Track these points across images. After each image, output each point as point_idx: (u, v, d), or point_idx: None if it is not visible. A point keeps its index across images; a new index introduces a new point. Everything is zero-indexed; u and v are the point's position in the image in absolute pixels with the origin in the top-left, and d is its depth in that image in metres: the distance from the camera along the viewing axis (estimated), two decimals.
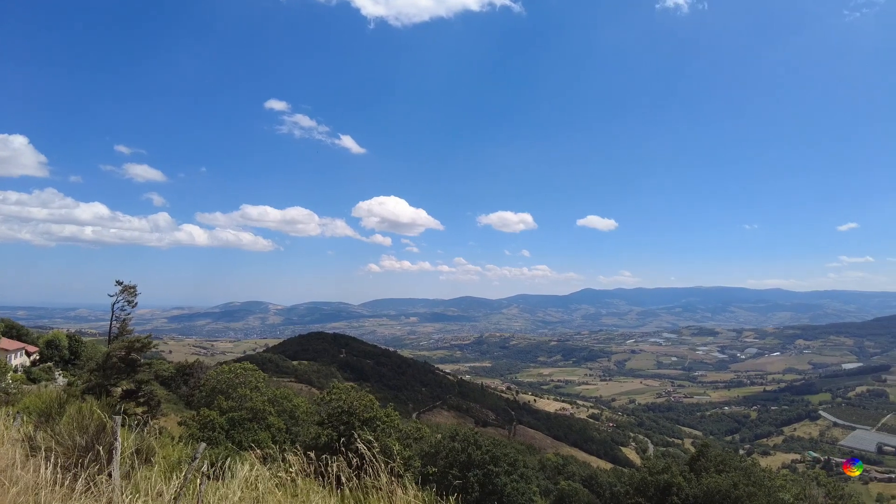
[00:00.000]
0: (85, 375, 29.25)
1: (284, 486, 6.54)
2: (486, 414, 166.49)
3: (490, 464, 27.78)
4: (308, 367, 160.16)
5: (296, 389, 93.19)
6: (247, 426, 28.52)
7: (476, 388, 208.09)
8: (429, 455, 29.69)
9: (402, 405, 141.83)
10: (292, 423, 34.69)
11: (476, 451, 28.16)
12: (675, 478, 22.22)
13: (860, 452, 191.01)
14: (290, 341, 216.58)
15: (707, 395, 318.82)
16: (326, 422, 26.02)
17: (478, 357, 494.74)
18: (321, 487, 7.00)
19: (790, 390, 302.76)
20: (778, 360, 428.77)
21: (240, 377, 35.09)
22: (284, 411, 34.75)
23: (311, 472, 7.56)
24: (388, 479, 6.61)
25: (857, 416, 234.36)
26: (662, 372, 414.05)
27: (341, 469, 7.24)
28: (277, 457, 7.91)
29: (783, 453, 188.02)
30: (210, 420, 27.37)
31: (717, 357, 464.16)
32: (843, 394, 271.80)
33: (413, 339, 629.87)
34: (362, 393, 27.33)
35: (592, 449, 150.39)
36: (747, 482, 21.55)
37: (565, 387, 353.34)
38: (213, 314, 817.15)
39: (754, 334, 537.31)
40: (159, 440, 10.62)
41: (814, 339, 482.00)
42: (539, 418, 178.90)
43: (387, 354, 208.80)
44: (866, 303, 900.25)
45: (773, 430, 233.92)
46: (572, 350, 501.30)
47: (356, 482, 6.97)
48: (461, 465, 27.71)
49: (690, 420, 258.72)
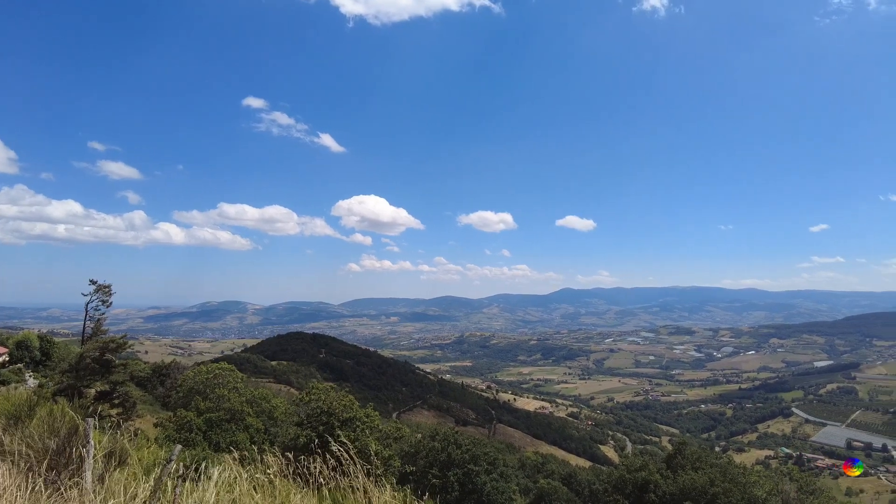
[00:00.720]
0: (57, 377, 28.65)
1: (262, 488, 6.47)
2: (466, 413, 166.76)
3: (470, 463, 27.82)
4: (287, 368, 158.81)
5: (275, 390, 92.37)
6: (225, 427, 28.18)
7: (456, 388, 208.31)
8: (409, 455, 29.64)
9: (383, 405, 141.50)
10: (271, 424, 34.40)
11: (456, 451, 28.18)
12: (652, 475, 22.49)
13: (830, 448, 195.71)
14: (269, 341, 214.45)
15: (684, 393, 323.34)
16: (305, 422, 25.82)
17: (458, 356, 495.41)
18: (299, 488, 6.94)
19: (764, 388, 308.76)
20: (753, 359, 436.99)
21: (217, 378, 34.62)
22: (263, 412, 34.42)
23: (290, 473, 7.49)
24: (366, 480, 6.58)
25: (827, 413, 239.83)
26: (640, 371, 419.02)
27: (320, 469, 7.19)
28: (255, 458, 7.82)
29: (757, 450, 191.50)
30: (187, 421, 26.99)
31: (693, 356, 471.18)
32: (814, 391, 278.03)
33: (394, 338, 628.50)
34: (342, 393, 27.16)
35: (571, 447, 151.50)
36: (723, 479, 21.90)
37: (545, 385, 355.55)
38: (190, 314, 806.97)
39: (730, 333, 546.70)
40: (134, 442, 10.44)
41: (787, 337, 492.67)
42: (519, 417, 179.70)
43: (367, 354, 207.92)
44: (837, 302, 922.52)
45: (747, 428, 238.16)
46: (552, 349, 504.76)
47: (335, 482, 6.93)
48: (441, 464, 27.71)
49: (668, 418, 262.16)
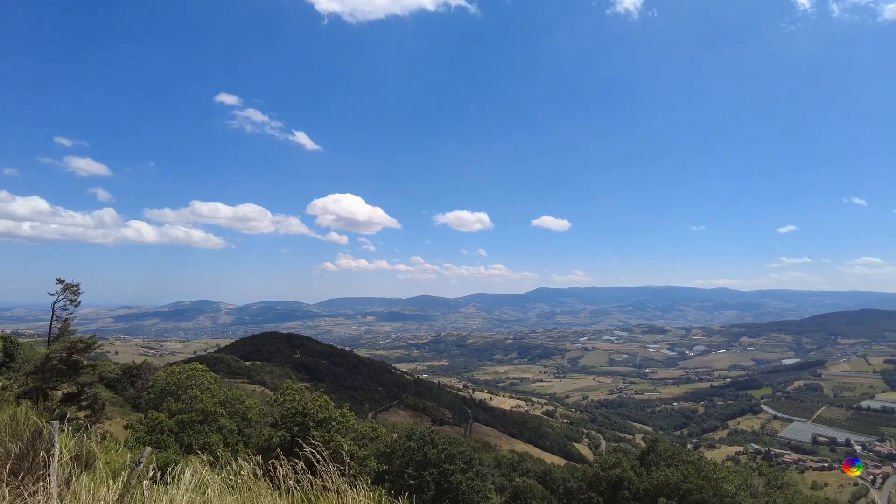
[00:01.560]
0: (21, 379, 27.84)
1: (234, 489, 6.37)
2: (442, 412, 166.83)
3: (446, 462, 27.83)
4: (261, 368, 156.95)
5: (249, 391, 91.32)
6: (197, 428, 27.73)
7: (433, 387, 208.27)
8: (385, 454, 29.53)
9: (358, 405, 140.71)
10: (245, 425, 33.93)
11: (432, 450, 28.17)
12: (626, 472, 22.78)
13: (797, 443, 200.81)
14: (243, 341, 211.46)
15: (657, 391, 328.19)
16: (280, 423, 25.57)
17: (435, 356, 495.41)
18: (272, 489, 6.86)
19: (735, 386, 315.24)
20: (724, 357, 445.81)
21: (190, 378, 34.03)
22: (237, 413, 33.93)
23: (263, 474, 7.40)
24: (340, 480, 6.54)
25: (794, 409, 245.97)
26: (614, 369, 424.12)
27: (293, 470, 7.12)
28: (229, 459, 7.71)
29: (728, 446, 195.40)
30: (158, 423, 26.47)
31: (666, 354, 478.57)
32: (782, 388, 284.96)
33: (370, 338, 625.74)
34: (317, 394, 26.96)
35: (547, 445, 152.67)
36: (695, 475, 22.27)
37: (520, 384, 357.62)
38: (161, 313, 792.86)
39: (702, 332, 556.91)
40: (102, 445, 10.20)
41: (757, 336, 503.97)
42: (495, 416, 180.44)
43: (343, 354, 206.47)
44: (804, 301, 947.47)
45: (718, 425, 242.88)
46: (527, 348, 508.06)
47: (308, 483, 6.86)
48: (417, 463, 27.68)
49: (641, 416, 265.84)
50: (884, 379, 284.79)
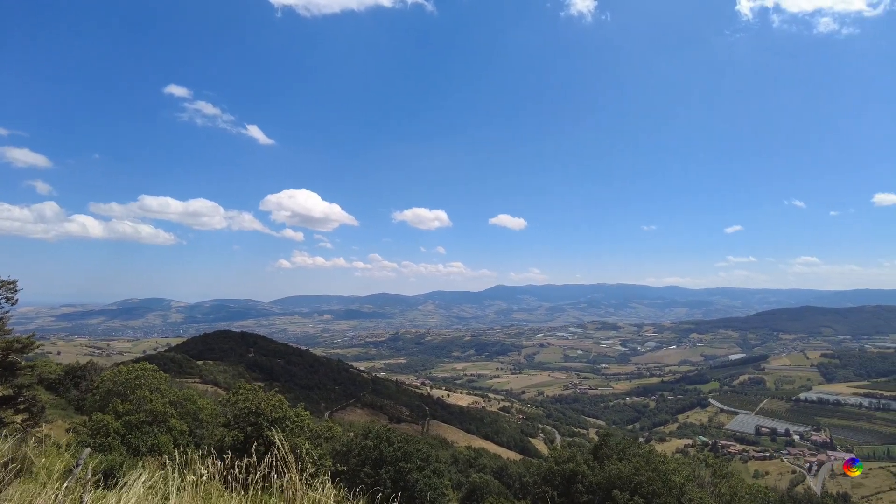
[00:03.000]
0: None
1: (182, 491, 6.17)
2: (400, 410, 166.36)
3: (402, 460, 27.76)
4: (214, 368, 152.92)
5: (201, 391, 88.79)
6: (146, 430, 26.82)
7: (390, 385, 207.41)
8: (341, 454, 29.24)
9: (314, 404, 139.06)
10: (196, 426, 33.03)
11: (388, 448, 28.05)
12: (579, 466, 23.20)
13: (741, 435, 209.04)
14: (195, 340, 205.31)
15: (610, 386, 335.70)
16: (233, 423, 24.98)
17: (393, 354, 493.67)
18: (224, 490, 6.68)
19: (685, 380, 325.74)
20: (674, 353, 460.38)
21: (139, 378, 32.85)
22: (188, 413, 32.99)
23: (215, 475, 7.21)
24: (294, 479, 6.41)
25: (739, 402, 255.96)
26: (569, 365, 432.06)
27: (247, 470, 6.96)
28: (179, 460, 7.46)
29: (677, 439, 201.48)
30: (104, 425, 25.45)
31: (619, 350, 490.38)
32: (729, 382, 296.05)
33: (327, 336, 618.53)
34: (271, 393, 26.45)
35: (503, 441, 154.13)
36: (646, 468, 22.85)
37: (478, 381, 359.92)
38: (108, 312, 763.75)
39: (653, 329, 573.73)
40: (40, 449, 9.72)
41: (705, 332, 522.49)
42: (452, 413, 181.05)
43: (298, 353, 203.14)
44: (750, 299, 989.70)
45: (668, 418, 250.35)
46: (485, 345, 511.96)
47: (262, 483, 6.72)
48: (373, 462, 27.52)
49: (595, 410, 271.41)
50: (820, 372, 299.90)
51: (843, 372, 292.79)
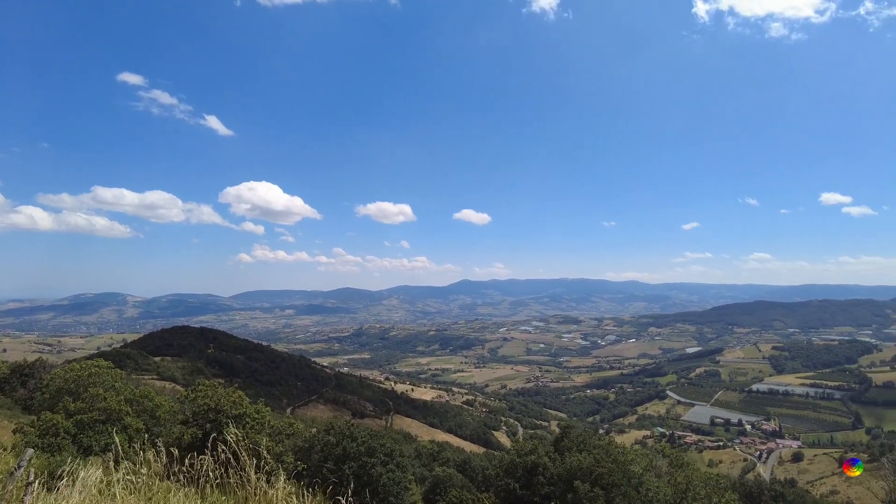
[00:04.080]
0: None
1: (138, 490, 5.99)
2: (363, 405, 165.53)
3: (366, 455, 27.56)
4: (172, 364, 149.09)
5: (158, 388, 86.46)
6: (99, 429, 25.90)
7: (354, 381, 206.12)
8: (303, 450, 28.85)
9: (276, 401, 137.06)
10: (153, 424, 32.08)
11: (351, 444, 27.80)
12: (541, 458, 23.50)
13: (697, 426, 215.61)
14: (152, 336, 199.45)
15: (571, 379, 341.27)
16: (191, 420, 24.35)
17: (357, 349, 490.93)
18: (180, 488, 6.51)
19: (643, 373, 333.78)
20: (633, 346, 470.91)
21: (92, 376, 31.73)
22: (145, 411, 31.99)
23: (173, 473, 7.04)
24: (253, 476, 6.31)
25: (696, 394, 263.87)
26: (532, 358, 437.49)
27: (205, 468, 6.81)
28: (133, 459, 7.26)
29: (636, 430, 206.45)
30: (53, 424, 24.47)
31: (580, 343, 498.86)
32: (685, 375, 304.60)
33: (289, 332, 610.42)
34: (231, 389, 25.89)
35: (466, 434, 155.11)
36: (606, 459, 23.30)
37: (442, 375, 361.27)
38: (60, 307, 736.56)
39: (613, 322, 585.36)
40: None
41: (663, 326, 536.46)
42: (416, 407, 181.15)
43: (259, 349, 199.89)
44: (706, 293, 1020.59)
45: (628, 410, 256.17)
46: (449, 339, 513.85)
47: (220, 480, 6.58)
48: (336, 458, 27.24)
49: (556, 403, 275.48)
50: (771, 364, 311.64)
51: (792, 364, 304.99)
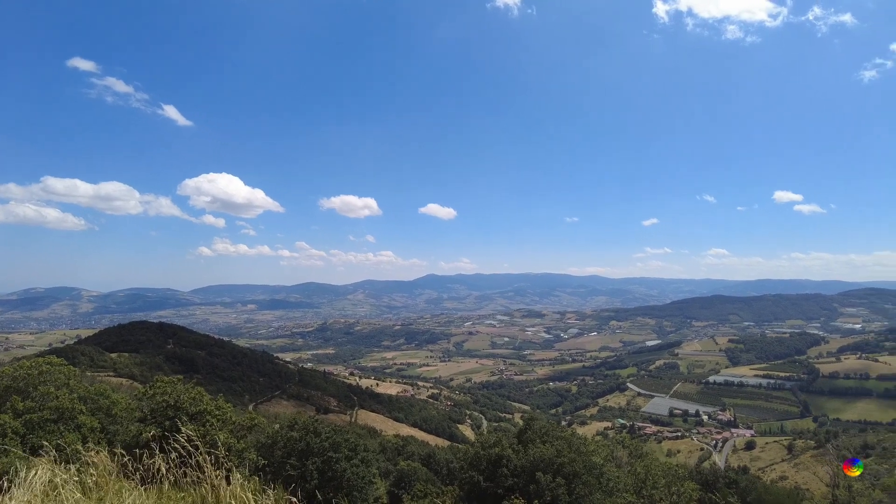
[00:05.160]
0: None
1: (88, 490, 5.84)
2: (327, 401, 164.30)
3: (330, 451, 27.48)
4: (129, 360, 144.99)
5: (115, 385, 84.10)
6: (50, 428, 24.99)
7: (318, 376, 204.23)
8: (266, 446, 28.58)
9: (238, 397, 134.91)
10: (109, 422, 31.16)
11: (315, 439, 27.68)
12: (504, 450, 23.77)
13: (657, 417, 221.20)
14: (108, 331, 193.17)
15: (535, 372, 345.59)
16: (149, 418, 23.86)
17: (321, 344, 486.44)
18: (135, 487, 6.38)
19: (605, 365, 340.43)
20: (595, 339, 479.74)
21: (43, 374, 30.58)
22: (100, 409, 30.99)
23: (128, 472, 6.89)
24: (212, 473, 6.23)
25: (655, 386, 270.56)
26: (496, 351, 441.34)
27: (161, 466, 6.68)
28: (85, 458, 7.06)
29: (598, 422, 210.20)
30: (0, 425, 23.56)
31: (543, 337, 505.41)
32: (645, 367, 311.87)
33: (251, 327, 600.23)
34: (190, 385, 25.43)
35: (431, 428, 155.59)
36: (568, 450, 23.72)
37: (407, 369, 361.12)
38: (8, 302, 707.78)
39: (576, 316, 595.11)
40: None
41: (624, 320, 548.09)
42: (381, 402, 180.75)
43: (221, 344, 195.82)
44: (665, 288, 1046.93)
45: (589, 402, 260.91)
46: (415, 334, 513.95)
47: (178, 478, 6.48)
48: (299, 453, 27.08)
49: (520, 396, 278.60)
50: (727, 356, 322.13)
51: (747, 356, 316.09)
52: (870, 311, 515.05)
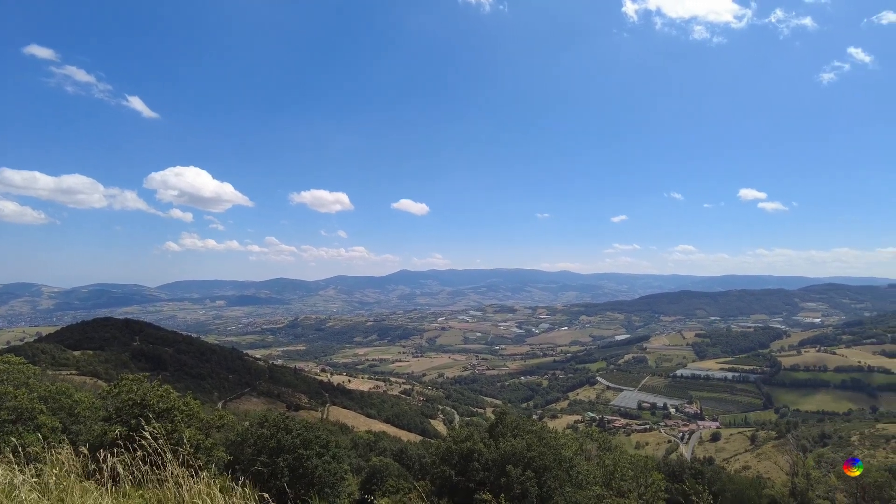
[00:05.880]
0: None
1: (48, 491, 5.69)
2: (298, 398, 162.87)
3: (301, 447, 27.27)
4: (94, 358, 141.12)
5: (78, 383, 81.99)
6: (8, 429, 24.27)
7: (288, 373, 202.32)
8: (236, 443, 28.23)
9: (207, 394, 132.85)
10: (72, 422, 30.34)
11: (286, 436, 27.44)
12: (476, 445, 23.93)
13: (625, 410, 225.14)
14: (71, 328, 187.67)
15: (506, 366, 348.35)
16: (114, 416, 23.29)
17: (292, 341, 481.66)
18: (97, 487, 6.23)
19: (575, 360, 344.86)
20: (566, 334, 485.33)
21: (1, 373, 29.64)
22: (62, 408, 30.17)
23: (91, 472, 6.73)
24: (178, 471, 6.13)
25: (624, 380, 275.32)
26: (469, 347, 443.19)
27: (126, 465, 6.55)
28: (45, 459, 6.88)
29: (568, 415, 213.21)
30: None
31: (515, 332, 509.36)
32: (614, 361, 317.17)
33: (220, 324, 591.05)
34: (157, 383, 24.93)
35: (404, 423, 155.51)
36: (538, 443, 23.99)
37: (380, 365, 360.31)
38: None
39: (547, 311, 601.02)
40: None
41: (594, 314, 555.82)
42: (353, 398, 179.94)
43: (189, 341, 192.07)
44: (634, 283, 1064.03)
45: (560, 396, 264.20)
46: (388, 329, 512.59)
47: (143, 476, 6.35)
48: (270, 451, 26.81)
49: (492, 390, 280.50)
50: (694, 350, 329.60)
51: (713, 350, 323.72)
52: (829, 306, 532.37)
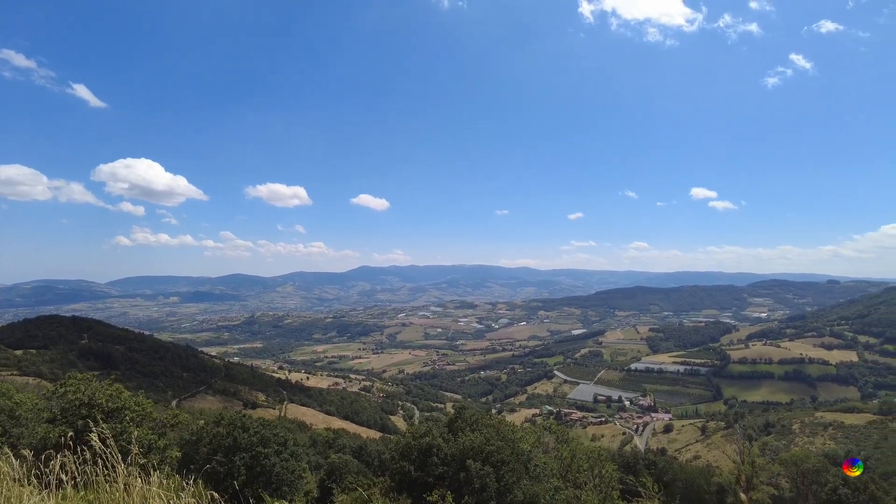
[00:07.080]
0: None
1: None
2: (255, 396, 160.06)
3: (258, 445, 26.87)
4: (37, 357, 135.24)
5: (20, 384, 78.26)
6: None
7: (245, 370, 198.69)
8: (190, 443, 27.57)
9: (160, 393, 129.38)
10: (12, 424, 29.04)
11: (243, 434, 26.97)
12: (435, 440, 24.00)
13: (582, 403, 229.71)
14: (13, 327, 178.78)
15: (466, 361, 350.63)
16: (60, 418, 22.39)
17: (249, 338, 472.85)
18: (38, 492, 5.99)
19: (533, 354, 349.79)
20: (524, 329, 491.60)
21: None
22: (2, 410, 28.91)
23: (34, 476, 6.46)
24: (126, 472, 5.95)
25: (581, 374, 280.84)
26: (429, 342, 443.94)
27: (69, 467, 6.31)
28: None
29: (526, 409, 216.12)
30: None
31: (475, 327, 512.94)
32: (571, 355, 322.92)
33: (174, 321, 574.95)
34: (107, 382, 24.07)
35: (363, 420, 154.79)
36: (496, 437, 24.25)
37: (339, 362, 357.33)
38: None
39: (506, 307, 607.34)
40: None
41: (552, 310, 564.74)
42: (311, 395, 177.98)
43: (141, 339, 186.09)
44: (590, 279, 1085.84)
45: (518, 390, 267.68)
46: (347, 326, 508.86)
47: (88, 478, 6.14)
48: (226, 449, 26.29)
49: (452, 385, 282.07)
50: (648, 344, 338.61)
51: (666, 344, 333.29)
52: (774, 301, 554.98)
